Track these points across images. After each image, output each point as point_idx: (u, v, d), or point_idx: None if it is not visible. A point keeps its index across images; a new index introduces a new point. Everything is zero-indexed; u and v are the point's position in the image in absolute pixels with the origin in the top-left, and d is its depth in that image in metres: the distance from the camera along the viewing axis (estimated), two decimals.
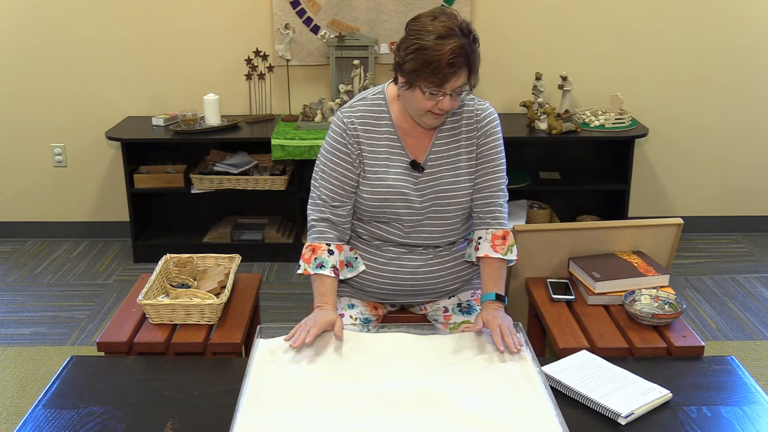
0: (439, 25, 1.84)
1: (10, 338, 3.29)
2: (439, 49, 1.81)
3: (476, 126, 2.04)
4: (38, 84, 4.13)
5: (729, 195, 4.36)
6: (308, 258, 2.04)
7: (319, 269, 2.02)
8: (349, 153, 2.02)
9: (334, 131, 2.05)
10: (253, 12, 4.03)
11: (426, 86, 1.87)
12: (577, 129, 3.84)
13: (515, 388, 1.69)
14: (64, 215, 4.36)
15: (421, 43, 1.83)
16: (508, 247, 2.05)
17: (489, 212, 2.06)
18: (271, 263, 4.02)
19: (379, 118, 2.03)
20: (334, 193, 2.04)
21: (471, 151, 2.05)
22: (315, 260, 2.03)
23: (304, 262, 2.05)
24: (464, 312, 2.13)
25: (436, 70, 1.83)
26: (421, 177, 2.03)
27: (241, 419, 1.58)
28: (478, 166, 2.05)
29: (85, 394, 1.72)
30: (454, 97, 1.89)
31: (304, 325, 1.89)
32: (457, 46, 1.82)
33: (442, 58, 1.81)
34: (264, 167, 4.02)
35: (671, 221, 2.41)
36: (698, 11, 4.04)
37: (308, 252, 2.05)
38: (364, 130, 2.02)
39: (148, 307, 2.13)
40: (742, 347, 3.18)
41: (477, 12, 4.04)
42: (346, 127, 2.02)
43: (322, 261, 2.03)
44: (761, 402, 1.70)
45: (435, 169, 2.03)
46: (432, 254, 2.08)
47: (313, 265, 2.03)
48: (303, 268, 2.05)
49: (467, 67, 1.86)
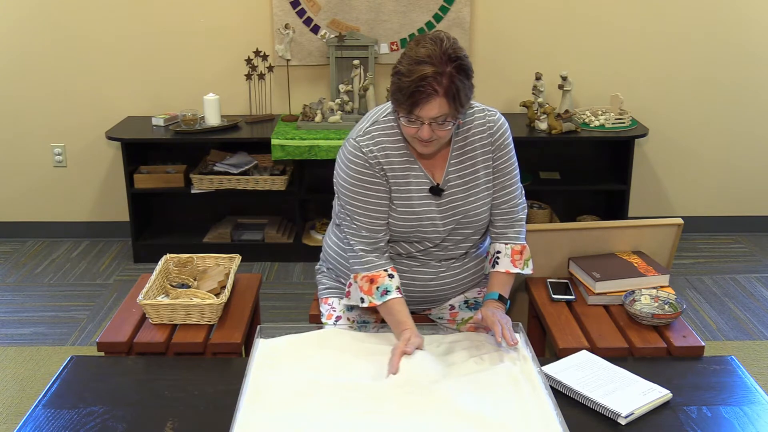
0: (420, 50, 1.77)
1: (10, 338, 3.29)
2: (408, 75, 1.76)
3: (490, 140, 1.99)
4: (38, 84, 4.13)
5: (729, 195, 4.36)
6: (368, 290, 1.94)
7: (386, 296, 1.92)
8: (379, 182, 1.94)
9: (355, 162, 1.94)
10: (253, 12, 4.03)
11: (400, 112, 1.82)
12: (577, 129, 3.84)
13: (515, 388, 1.69)
14: (64, 215, 4.36)
15: (399, 68, 1.79)
16: (525, 262, 2.06)
17: (509, 227, 2.06)
18: (271, 263, 4.02)
19: (396, 141, 1.95)
20: (376, 225, 1.96)
21: (488, 165, 2.00)
22: (378, 289, 1.93)
23: (364, 294, 1.95)
24: (471, 308, 2.13)
25: (405, 96, 1.77)
26: (442, 200, 1.98)
27: (241, 419, 1.58)
28: (496, 180, 2.02)
29: (85, 394, 1.72)
30: (435, 127, 1.81)
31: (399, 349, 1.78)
32: (429, 74, 1.74)
33: (409, 84, 1.75)
34: (264, 167, 4.02)
35: (671, 221, 2.40)
36: (698, 11, 4.04)
37: (366, 284, 1.95)
38: (384, 156, 1.94)
39: (148, 307, 2.13)
40: (742, 347, 3.18)
41: (477, 12, 4.04)
42: (368, 157, 1.93)
43: (386, 287, 1.93)
44: (761, 402, 1.70)
45: (455, 189, 1.99)
46: (445, 267, 2.07)
47: (377, 295, 1.93)
48: (368, 302, 1.94)
49: (442, 97, 1.76)
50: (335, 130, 3.77)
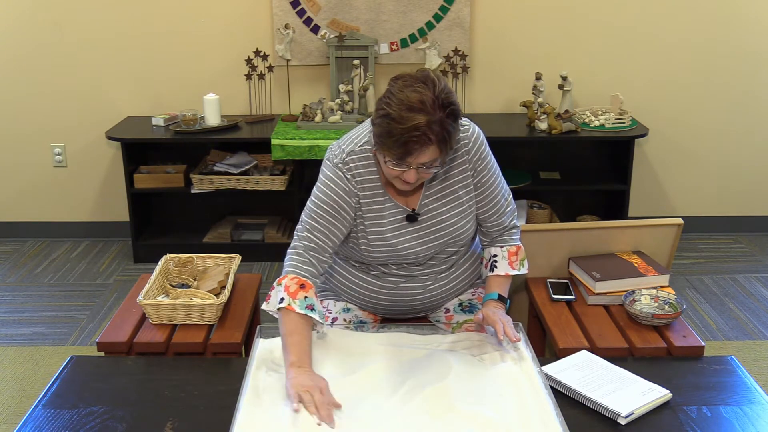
0: (412, 94, 1.69)
1: (10, 338, 3.29)
2: (402, 123, 1.68)
3: (467, 158, 1.94)
4: (38, 84, 4.13)
5: (729, 195, 4.36)
6: (294, 292, 1.79)
7: (310, 312, 1.78)
8: (349, 202, 1.89)
9: (333, 180, 1.88)
10: (253, 12, 4.03)
11: (388, 156, 1.75)
12: (577, 129, 3.84)
13: (515, 388, 1.69)
14: (64, 215, 4.36)
15: (389, 111, 1.71)
16: (521, 262, 2.06)
17: (503, 232, 2.06)
18: (271, 263, 4.02)
19: (371, 173, 1.90)
20: (323, 243, 1.88)
21: (467, 183, 1.96)
22: (305, 299, 1.79)
23: (289, 296, 1.79)
24: (466, 311, 2.13)
25: (397, 144, 1.70)
26: (421, 225, 1.95)
27: (241, 419, 1.58)
28: (479, 195, 1.99)
29: (85, 394, 1.72)
30: (422, 170, 1.77)
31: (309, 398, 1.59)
32: (423, 123, 1.68)
33: (404, 132, 1.68)
34: (264, 167, 4.02)
35: (671, 221, 2.40)
36: (698, 11, 4.04)
37: (295, 286, 1.81)
38: (360, 187, 1.89)
39: (148, 307, 2.13)
40: (742, 347, 3.18)
41: (477, 12, 4.04)
42: (345, 185, 1.88)
43: (312, 303, 1.80)
44: (761, 402, 1.70)
45: (434, 212, 1.95)
46: (432, 279, 2.05)
47: (301, 305, 1.78)
48: (287, 303, 1.77)
49: (434, 144, 1.71)
50: (335, 130, 3.77)
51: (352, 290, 2.09)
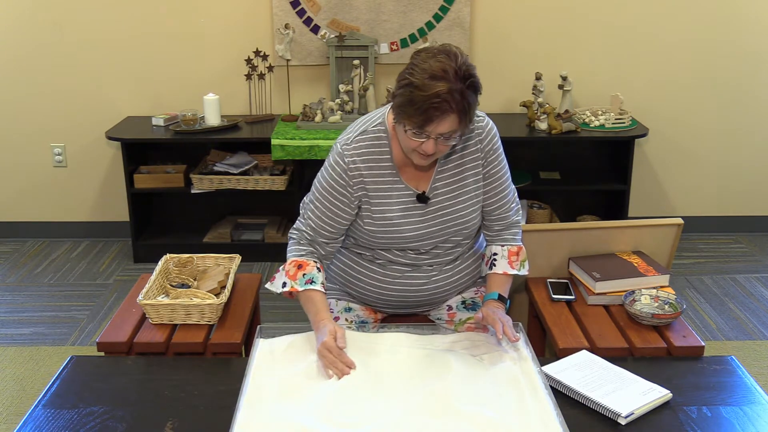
0: (435, 64, 1.74)
1: (10, 338, 3.29)
2: (425, 90, 1.73)
3: (480, 147, 1.98)
4: (38, 84, 4.13)
5: (729, 195, 4.36)
6: (294, 274, 1.94)
7: (310, 285, 1.93)
8: (348, 195, 1.94)
9: (334, 169, 1.94)
10: (253, 12, 4.03)
11: (409, 125, 1.79)
12: (577, 129, 3.84)
13: (515, 388, 1.69)
14: (64, 215, 4.36)
15: (411, 80, 1.76)
16: (521, 263, 2.06)
17: (505, 229, 2.07)
18: (271, 263, 4.02)
19: (381, 153, 1.94)
20: (323, 230, 1.97)
21: (477, 172, 1.99)
22: (304, 276, 1.93)
23: (289, 278, 1.94)
24: (468, 308, 2.13)
25: (419, 111, 1.74)
26: (428, 208, 1.97)
27: (241, 419, 1.58)
28: (487, 186, 2.01)
29: (85, 394, 1.72)
30: (441, 141, 1.80)
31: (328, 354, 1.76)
32: (445, 90, 1.72)
33: (426, 99, 1.73)
34: (264, 167, 4.02)
35: (671, 221, 2.40)
36: (698, 11, 4.04)
37: (293, 268, 1.95)
38: (366, 167, 1.93)
39: (148, 307, 2.13)
40: (742, 347, 3.18)
41: (477, 12, 4.04)
42: (347, 167, 1.92)
43: (312, 277, 1.94)
44: (761, 402, 1.70)
45: (442, 197, 1.98)
46: (437, 270, 2.06)
47: (301, 282, 1.93)
48: (290, 286, 1.93)
49: (455, 114, 1.75)
50: (335, 130, 3.76)
51: (357, 280, 2.10)
